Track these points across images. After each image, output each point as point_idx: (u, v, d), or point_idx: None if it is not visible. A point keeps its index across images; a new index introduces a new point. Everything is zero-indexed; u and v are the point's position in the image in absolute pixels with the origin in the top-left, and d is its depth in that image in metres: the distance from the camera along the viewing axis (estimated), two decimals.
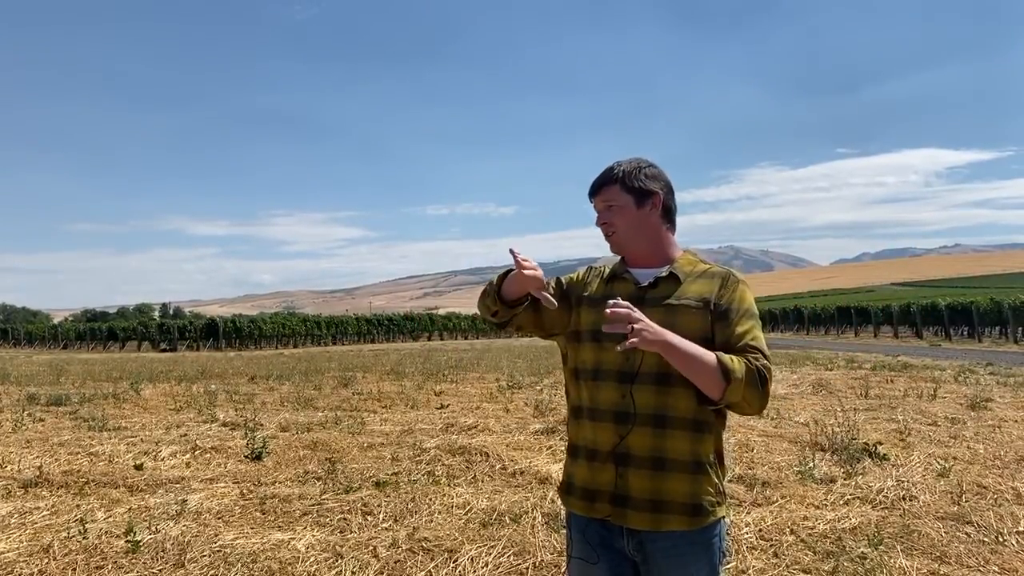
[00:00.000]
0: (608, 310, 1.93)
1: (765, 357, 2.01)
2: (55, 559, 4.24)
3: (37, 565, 4.14)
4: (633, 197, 2.17)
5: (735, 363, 1.95)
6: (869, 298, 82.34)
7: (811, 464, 6.33)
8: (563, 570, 4.12)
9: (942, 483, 5.82)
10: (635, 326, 1.90)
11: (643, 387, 2.04)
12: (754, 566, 4.13)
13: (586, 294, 2.23)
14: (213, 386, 14.44)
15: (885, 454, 6.74)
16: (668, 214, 2.22)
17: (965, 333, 36.28)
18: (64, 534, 4.73)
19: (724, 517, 2.12)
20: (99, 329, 58.28)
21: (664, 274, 2.14)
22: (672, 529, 2.02)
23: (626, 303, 1.95)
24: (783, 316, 57.36)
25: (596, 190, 2.22)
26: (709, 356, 1.96)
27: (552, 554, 4.40)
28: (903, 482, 5.82)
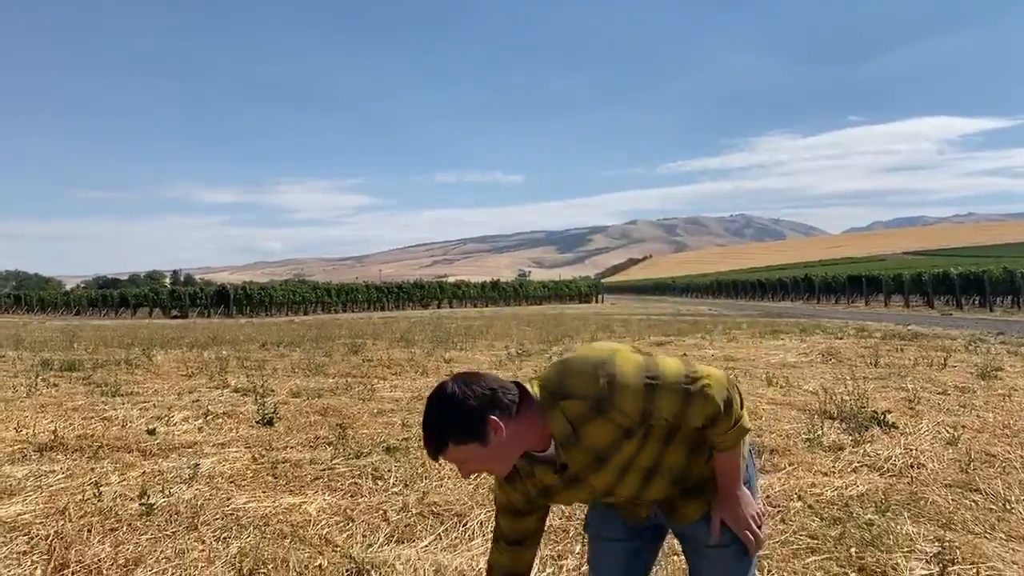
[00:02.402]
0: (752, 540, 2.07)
1: (699, 377, 1.91)
2: (71, 521, 4.31)
3: (53, 527, 4.20)
4: (474, 442, 1.89)
5: (728, 439, 1.98)
6: (880, 267, 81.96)
7: (819, 432, 6.34)
8: (570, 535, 4.16)
9: (950, 451, 5.83)
10: (756, 532, 2.08)
11: (638, 482, 2.07)
12: (764, 531, 4.15)
13: (522, 499, 2.13)
14: (224, 352, 14.55)
15: (894, 422, 6.75)
16: (508, 410, 1.91)
17: (977, 302, 36.09)
18: (79, 497, 4.80)
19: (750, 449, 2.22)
20: (111, 296, 58.69)
21: (561, 459, 1.99)
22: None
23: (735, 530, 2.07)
24: (793, 285, 57.20)
25: (436, 457, 1.97)
26: (739, 457, 2.06)
27: (561, 519, 4.43)
28: (911, 450, 5.83)
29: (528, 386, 1.97)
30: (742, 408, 1.97)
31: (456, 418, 1.88)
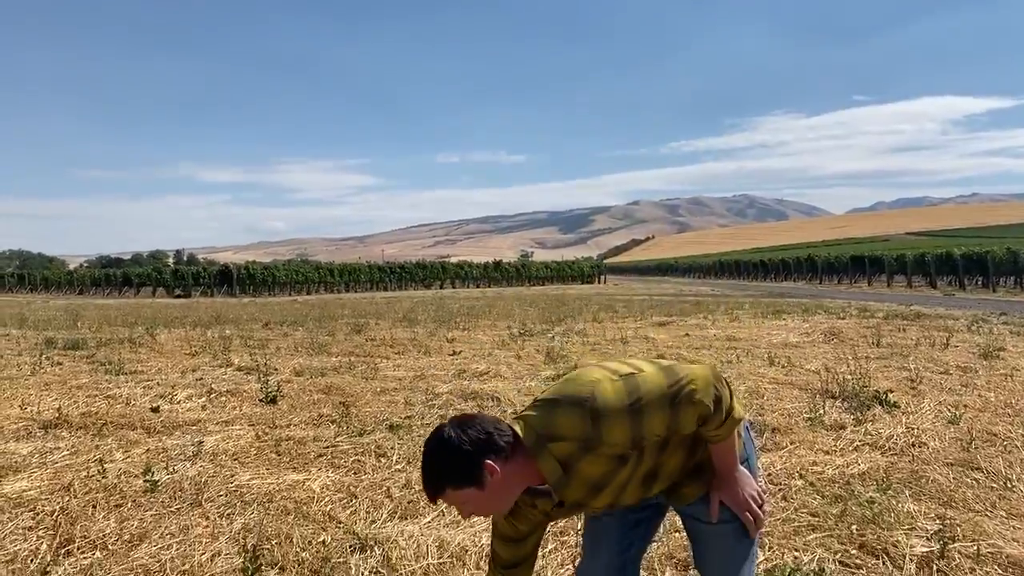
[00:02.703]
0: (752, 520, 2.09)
1: (684, 383, 1.90)
2: (76, 497, 4.34)
3: (59, 502, 4.23)
4: (471, 487, 1.91)
5: (722, 432, 1.98)
6: (883, 247, 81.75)
7: (821, 411, 6.35)
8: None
9: (952, 430, 5.84)
10: (755, 512, 2.09)
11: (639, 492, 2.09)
12: (765, 509, 4.17)
13: (527, 528, 2.16)
14: (227, 331, 14.58)
15: (895, 402, 6.76)
16: (503, 452, 1.92)
17: (980, 283, 36.03)
18: (84, 473, 4.83)
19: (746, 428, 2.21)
20: (114, 275, 58.75)
21: (557, 496, 2.00)
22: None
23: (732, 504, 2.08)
24: (796, 266, 57.09)
25: (434, 501, 1.98)
26: (733, 443, 2.06)
27: None
28: (913, 429, 5.84)
29: (516, 427, 1.96)
30: (732, 399, 1.96)
31: (451, 464, 1.90)
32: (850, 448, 5.42)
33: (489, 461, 1.89)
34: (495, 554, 2.23)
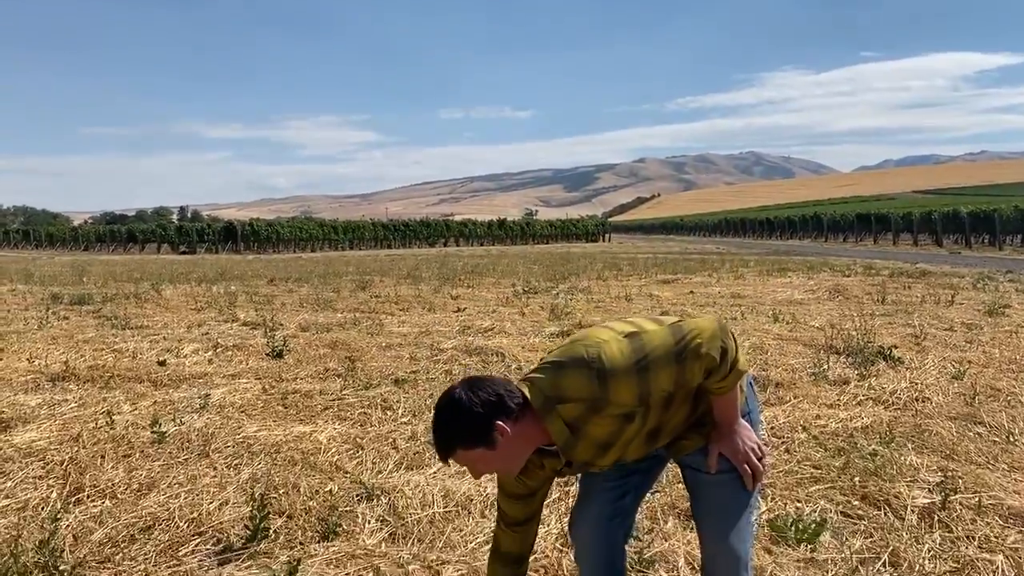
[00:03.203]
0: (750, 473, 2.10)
1: (691, 338, 1.89)
2: (84, 447, 4.38)
3: (68, 453, 4.27)
4: (481, 447, 1.93)
5: (726, 384, 1.98)
6: (890, 205, 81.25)
7: (825, 366, 6.36)
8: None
9: (956, 385, 5.85)
10: (755, 465, 2.10)
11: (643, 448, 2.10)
12: (765, 462, 4.20)
13: (553, 472, 2.16)
14: (233, 287, 14.60)
15: (900, 357, 6.76)
16: (513, 414, 1.93)
17: (986, 241, 35.87)
18: (92, 425, 4.87)
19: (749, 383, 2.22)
20: (119, 231, 58.81)
21: (565, 456, 2.01)
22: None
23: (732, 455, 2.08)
24: (802, 223, 56.87)
25: (446, 461, 2.00)
26: (736, 395, 2.06)
27: None
28: (917, 384, 5.85)
29: (524, 389, 1.96)
30: (737, 352, 1.96)
31: (462, 424, 1.91)
32: (853, 402, 5.44)
33: (500, 422, 1.90)
34: (501, 512, 2.25)
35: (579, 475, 2.35)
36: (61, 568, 2.59)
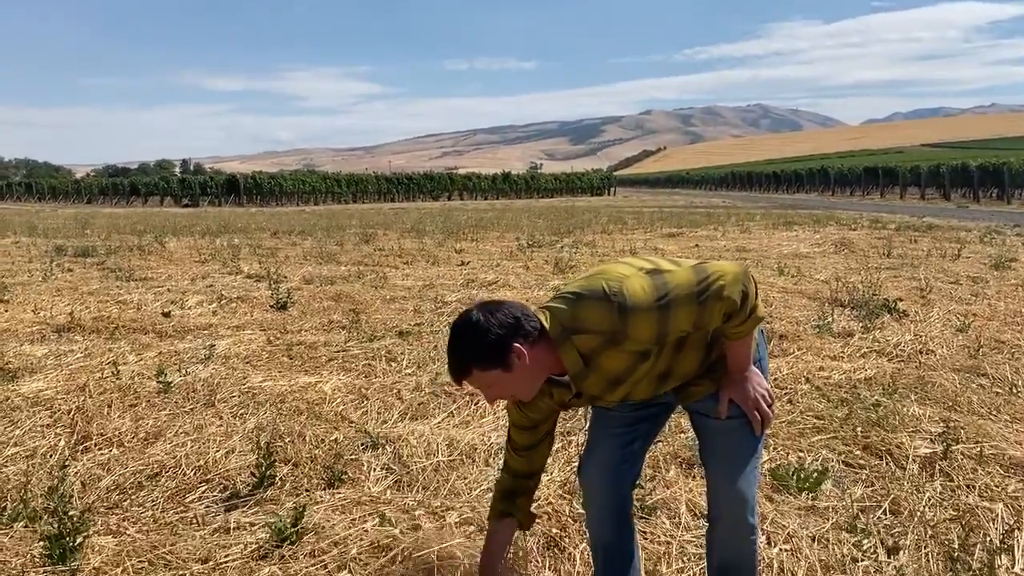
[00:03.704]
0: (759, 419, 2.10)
1: (713, 279, 1.88)
2: (91, 397, 4.41)
3: (75, 402, 4.30)
4: (498, 368, 1.91)
5: (743, 329, 1.98)
6: (897, 159, 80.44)
7: (829, 319, 6.36)
8: (579, 413, 4.23)
9: (960, 338, 5.85)
10: (764, 411, 2.10)
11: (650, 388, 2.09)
12: (773, 409, 4.21)
13: (545, 410, 2.17)
14: (236, 240, 14.59)
15: (904, 310, 6.75)
16: (529, 337, 1.92)
17: (994, 195, 35.59)
18: (98, 375, 4.89)
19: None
20: (121, 184, 58.65)
21: (576, 387, 2.00)
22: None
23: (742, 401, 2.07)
24: (809, 177, 56.44)
25: (460, 382, 1.99)
26: (751, 341, 2.07)
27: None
28: (921, 336, 5.84)
29: (541, 317, 1.95)
30: (757, 298, 1.96)
31: (480, 345, 1.89)
32: (857, 354, 5.44)
33: (517, 344, 1.89)
34: (511, 439, 2.27)
35: (588, 422, 2.36)
36: (70, 513, 2.62)
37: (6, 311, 6.95)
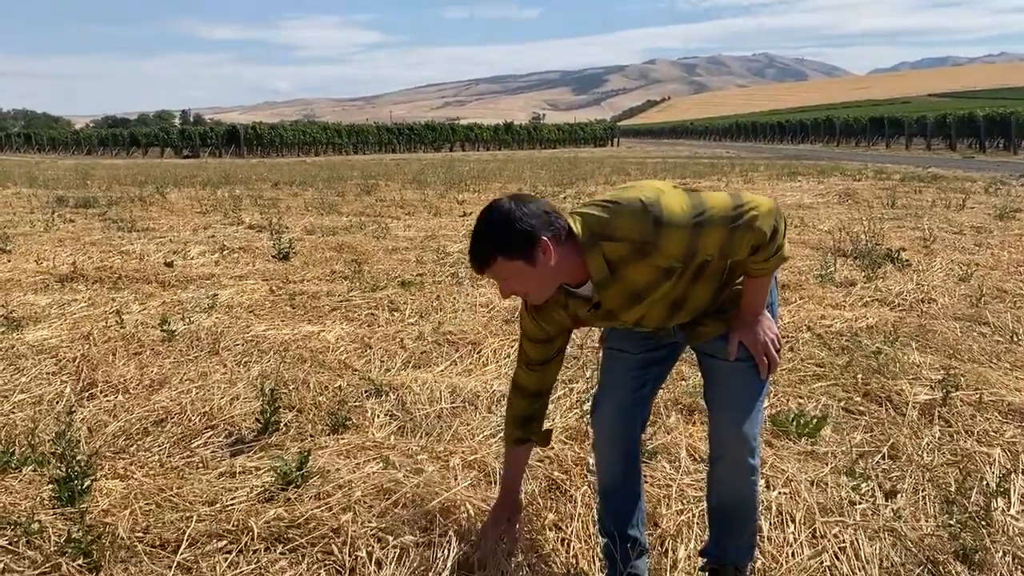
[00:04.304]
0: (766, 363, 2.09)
1: (747, 209, 1.88)
2: (95, 345, 4.43)
3: (79, 350, 4.33)
4: (522, 260, 1.87)
5: (767, 267, 1.97)
6: (903, 109, 79.55)
7: (832, 268, 6.35)
8: (580, 362, 4.26)
9: (962, 287, 5.84)
10: (771, 355, 2.08)
11: (663, 315, 2.07)
12: (778, 353, 4.24)
13: (557, 327, 2.14)
14: (237, 191, 14.53)
15: (907, 260, 6.75)
16: (558, 233, 1.89)
17: (1001, 145, 35.25)
18: (102, 323, 4.92)
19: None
20: (121, 135, 58.24)
21: (596, 297, 1.97)
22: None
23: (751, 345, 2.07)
24: (814, 127, 55.89)
25: (482, 271, 1.93)
26: (770, 282, 2.07)
27: (572, 347, 4.52)
28: (923, 286, 5.85)
29: (570, 221, 1.92)
30: (784, 237, 1.95)
31: (508, 233, 1.86)
32: (859, 303, 5.45)
33: (545, 238, 1.87)
34: (524, 354, 2.26)
35: (600, 368, 2.36)
36: (78, 458, 2.65)
37: (8, 261, 6.96)
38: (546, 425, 2.40)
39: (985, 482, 2.86)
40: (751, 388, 2.13)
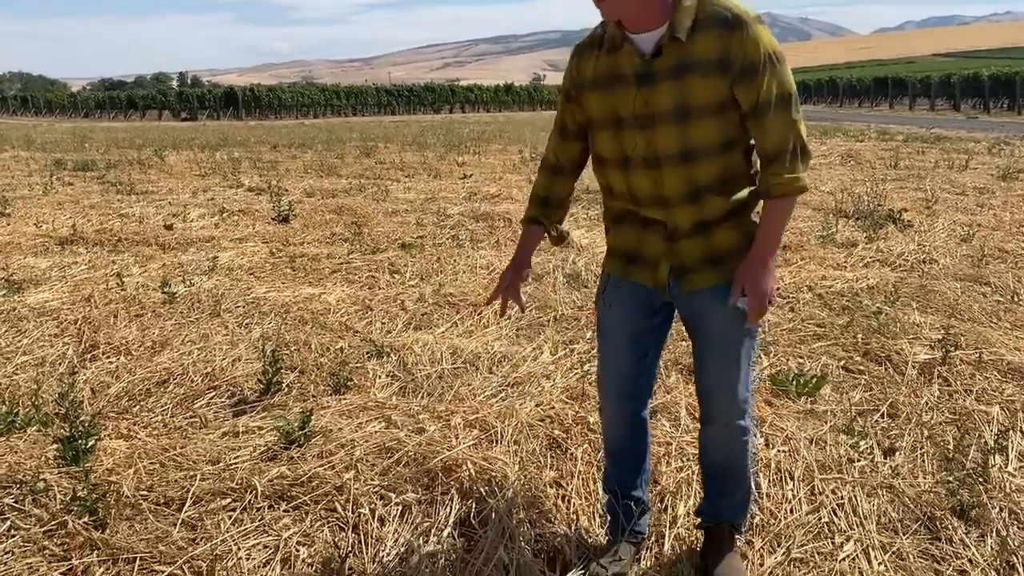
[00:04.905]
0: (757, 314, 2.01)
1: (798, 109, 1.89)
2: (97, 307, 4.44)
3: (81, 312, 4.34)
4: None
5: (783, 185, 1.91)
6: (908, 69, 78.67)
7: (833, 229, 6.33)
8: (581, 323, 4.27)
9: (964, 248, 5.84)
10: (763, 307, 2.00)
11: (670, 169, 1.97)
12: (769, 320, 4.24)
13: (590, 77, 2.02)
14: (236, 154, 14.44)
15: (909, 221, 6.73)
16: None
17: (1005, 106, 34.97)
18: (103, 286, 4.92)
19: None
20: (118, 98, 57.78)
21: (665, 39, 1.88)
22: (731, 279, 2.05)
23: (750, 299, 1.99)
24: (817, 88, 55.39)
25: None
26: (786, 219, 2.01)
27: (572, 308, 4.54)
28: (924, 246, 5.84)
29: None
30: (805, 168, 1.92)
31: None
32: (860, 264, 5.45)
33: None
34: (545, 154, 2.28)
35: (596, 342, 2.32)
36: (81, 418, 2.67)
37: (8, 225, 6.94)
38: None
39: (983, 440, 2.88)
40: (739, 350, 2.10)
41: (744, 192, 2.03)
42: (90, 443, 2.62)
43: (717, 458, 2.24)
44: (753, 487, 2.39)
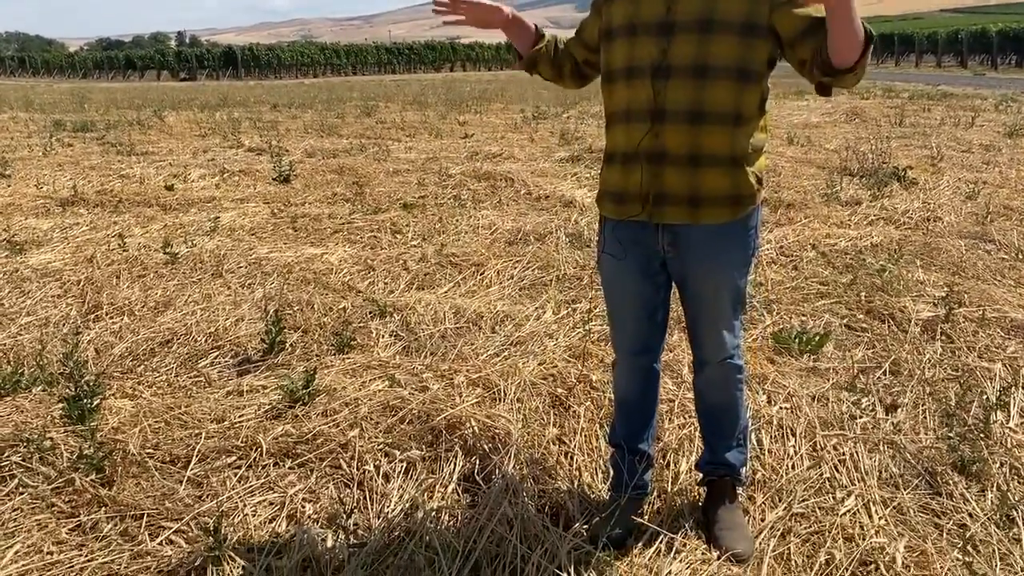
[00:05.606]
0: None
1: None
2: (99, 268, 4.44)
3: (83, 273, 4.34)
4: None
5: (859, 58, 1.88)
6: (915, 26, 77.53)
7: (838, 187, 6.29)
8: (584, 283, 4.26)
9: (969, 205, 5.80)
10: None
11: (678, 82, 1.92)
12: (772, 279, 4.24)
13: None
14: (236, 114, 14.34)
15: (914, 178, 6.68)
16: None
17: (1013, 62, 34.52)
18: (105, 247, 4.92)
19: (759, 205, 2.09)
20: (116, 58, 57.25)
21: None
22: (711, 222, 1.99)
23: None
24: None
25: None
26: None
27: (575, 268, 4.53)
28: (929, 204, 5.80)
29: None
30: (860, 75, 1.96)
31: None
32: (864, 222, 5.42)
33: None
34: (581, 28, 2.30)
35: (607, 308, 2.29)
36: (86, 378, 2.68)
37: (8, 186, 6.91)
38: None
39: (985, 396, 2.89)
40: (729, 300, 2.10)
41: (747, 142, 2.00)
42: (95, 402, 2.63)
43: (715, 398, 2.25)
44: (749, 431, 2.39)
